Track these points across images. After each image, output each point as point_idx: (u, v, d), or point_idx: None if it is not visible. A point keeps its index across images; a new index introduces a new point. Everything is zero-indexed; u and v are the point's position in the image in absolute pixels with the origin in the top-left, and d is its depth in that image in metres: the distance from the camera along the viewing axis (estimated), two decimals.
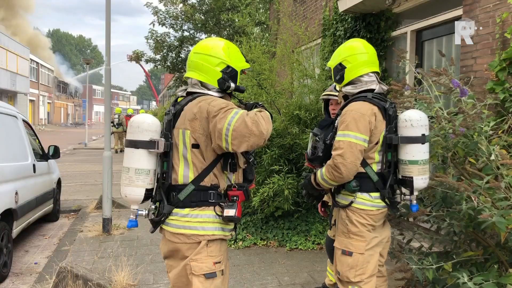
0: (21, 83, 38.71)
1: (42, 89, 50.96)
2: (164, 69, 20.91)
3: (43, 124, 49.27)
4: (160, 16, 17.98)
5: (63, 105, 64.66)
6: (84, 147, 23.88)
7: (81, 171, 13.99)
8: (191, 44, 18.59)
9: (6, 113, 6.02)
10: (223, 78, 2.46)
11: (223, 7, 15.98)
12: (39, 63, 49.61)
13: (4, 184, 5.16)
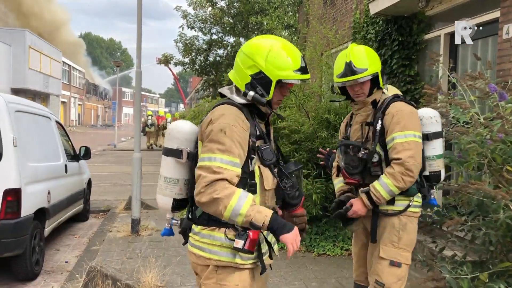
0: (53, 85, 39.74)
1: (73, 91, 52.20)
2: (192, 72, 21.11)
3: (74, 125, 50.41)
4: (189, 20, 18.16)
5: (93, 107, 66.02)
6: (113, 148, 24.29)
7: (110, 172, 14.23)
8: (219, 48, 18.72)
9: (40, 114, 6.18)
10: (251, 84, 2.13)
11: (251, 10, 16.02)
12: (71, 65, 50.85)
13: (37, 184, 5.27)
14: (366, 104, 2.96)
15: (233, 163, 2.01)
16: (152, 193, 9.80)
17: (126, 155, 20.67)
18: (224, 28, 17.72)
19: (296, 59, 2.14)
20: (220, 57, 18.75)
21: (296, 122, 6.20)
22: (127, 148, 24.07)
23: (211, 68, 18.95)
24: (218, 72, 18.73)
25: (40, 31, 46.51)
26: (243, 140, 2.06)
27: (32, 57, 34.11)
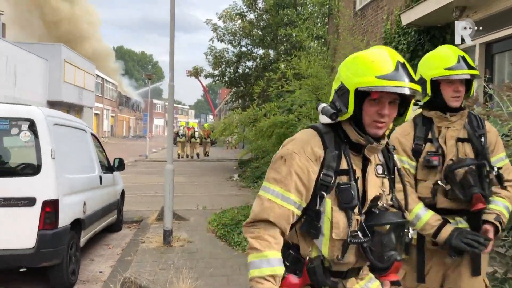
0: (87, 98, 40.84)
1: (106, 103, 53.48)
2: (222, 84, 21.34)
3: (107, 136, 51.54)
4: (219, 33, 18.39)
5: (125, 118, 67.41)
6: (145, 159, 24.68)
7: (142, 183, 14.45)
8: (248, 60, 18.86)
9: (76, 127, 6.36)
10: (333, 100, 1.81)
11: (280, 22, 16.11)
12: (104, 78, 52.19)
13: (74, 195, 5.41)
14: (463, 117, 2.60)
15: (284, 198, 1.72)
16: (183, 204, 9.93)
17: (157, 165, 20.97)
18: (253, 40, 17.86)
19: (384, 62, 1.71)
20: (249, 69, 18.89)
21: None
22: (158, 159, 24.41)
23: (240, 80, 19.10)
24: (247, 84, 18.86)
25: (69, 37, 48.21)
26: (303, 171, 1.74)
27: (67, 70, 35.19)
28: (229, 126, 8.55)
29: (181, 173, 15.33)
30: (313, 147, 1.77)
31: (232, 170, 18.30)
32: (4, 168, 5.09)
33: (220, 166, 21.36)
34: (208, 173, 18.04)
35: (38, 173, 4.87)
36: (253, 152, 8.98)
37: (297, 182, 1.74)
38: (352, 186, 1.74)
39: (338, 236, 1.73)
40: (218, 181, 15.13)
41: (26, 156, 5.07)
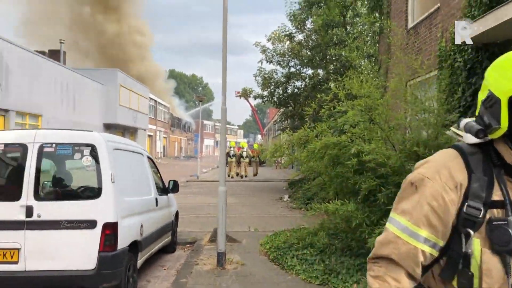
0: (141, 120, 42.30)
1: (159, 125, 55.10)
2: (271, 104, 21.47)
3: (159, 157, 52.92)
4: (267, 54, 18.59)
5: (177, 139, 69.07)
6: (196, 179, 25.09)
7: (194, 203, 14.66)
8: (297, 80, 18.91)
9: (134, 150, 6.57)
10: (479, 112, 1.47)
11: (330, 42, 16.07)
12: (157, 101, 53.92)
13: (131, 217, 5.56)
14: None
15: (412, 233, 1.42)
16: (234, 225, 9.97)
17: (208, 186, 21.26)
18: (302, 60, 17.90)
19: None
20: (298, 88, 18.91)
21: (382, 155, 6.04)
22: (209, 179, 24.78)
23: (289, 100, 19.15)
24: (296, 104, 18.88)
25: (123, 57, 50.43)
26: (438, 202, 1.41)
27: (123, 94, 36.68)
28: (280, 147, 8.55)
29: (232, 193, 15.43)
30: (452, 171, 1.42)
31: (282, 191, 18.23)
32: (67, 191, 5.32)
33: (270, 186, 21.35)
34: (258, 193, 18.06)
35: (98, 196, 5.05)
36: (305, 174, 8.91)
37: (429, 215, 1.41)
38: (509, 223, 1.37)
39: (490, 285, 1.38)
40: (268, 202, 15.11)
41: (88, 180, 5.28)
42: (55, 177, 5.38)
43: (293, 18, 17.85)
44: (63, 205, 5.05)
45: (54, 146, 5.13)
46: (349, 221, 6.26)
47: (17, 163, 5.20)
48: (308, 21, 17.96)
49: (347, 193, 6.92)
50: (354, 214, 6.10)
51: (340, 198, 6.70)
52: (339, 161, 6.87)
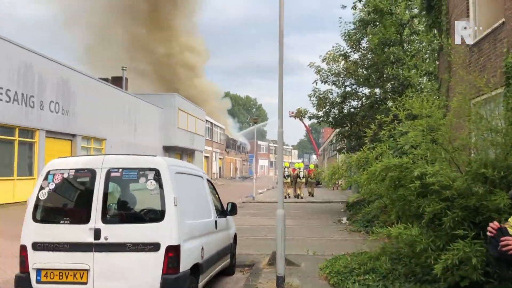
0: (198, 142, 43.32)
1: (215, 146, 56.17)
2: (327, 124, 21.32)
3: (215, 178, 53.76)
4: (322, 75, 18.56)
5: (232, 160, 69.96)
6: (252, 200, 25.18)
7: (251, 225, 14.68)
8: (353, 99, 18.71)
9: (195, 174, 6.73)
10: None
11: (386, 61, 15.82)
12: (212, 123, 55.11)
13: (193, 240, 5.66)
14: None
15: None
16: (292, 248, 9.86)
17: (264, 207, 21.27)
18: (358, 80, 17.72)
19: None
20: (355, 108, 18.69)
21: (446, 177, 5.81)
22: (264, 200, 24.81)
23: (345, 119, 18.94)
24: (353, 124, 18.63)
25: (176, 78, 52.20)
26: None
27: (180, 117, 37.80)
28: (339, 169, 8.43)
29: (289, 215, 15.27)
30: None
31: (340, 213, 17.90)
32: (132, 214, 5.51)
33: (327, 208, 21.03)
34: (315, 215, 17.83)
35: (162, 219, 5.19)
36: (365, 196, 8.71)
37: None
38: None
39: None
40: (326, 224, 14.87)
41: (151, 203, 5.43)
42: (121, 200, 5.60)
43: (348, 38, 17.78)
44: (128, 228, 5.23)
45: (120, 171, 5.35)
46: (413, 245, 6.03)
47: (86, 188, 5.46)
48: (363, 40, 17.82)
49: (410, 217, 6.68)
50: (418, 239, 5.87)
51: (402, 221, 6.48)
52: (401, 183, 6.66)
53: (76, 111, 23.65)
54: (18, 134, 19.34)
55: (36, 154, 20.52)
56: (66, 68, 23.18)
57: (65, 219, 5.32)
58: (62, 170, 5.46)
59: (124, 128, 29.87)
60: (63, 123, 22.58)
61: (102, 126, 26.69)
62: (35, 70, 20.22)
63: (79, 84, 24.10)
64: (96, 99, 26.02)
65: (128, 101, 30.89)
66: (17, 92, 18.90)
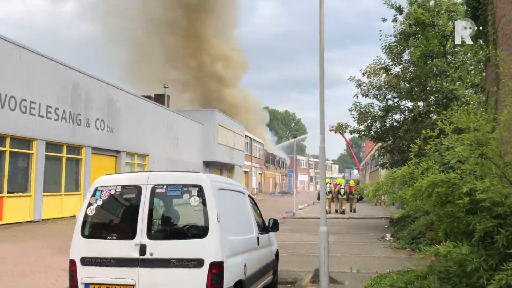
0: (237, 157, 43.62)
1: (254, 161, 56.33)
2: (368, 139, 20.97)
3: (255, 193, 53.81)
4: (363, 88, 18.34)
5: (272, 175, 69.88)
6: (292, 216, 25.00)
7: (292, 241, 14.56)
8: (395, 113, 18.35)
9: (236, 190, 6.75)
10: None
11: (429, 73, 15.47)
12: (252, 138, 55.40)
13: (236, 257, 5.65)
14: None
15: None
16: (335, 265, 9.68)
17: (305, 223, 21.08)
18: (400, 93, 17.39)
19: None
20: (397, 122, 18.32)
21: (498, 193, 5.56)
22: (305, 216, 24.59)
23: (388, 133, 18.58)
24: (395, 138, 18.25)
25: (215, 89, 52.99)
26: None
27: (220, 133, 38.26)
28: (383, 185, 8.23)
29: (330, 231, 14.96)
30: None
31: (383, 229, 17.48)
32: (176, 230, 5.57)
33: (369, 224, 20.59)
34: (358, 231, 17.49)
35: (205, 235, 5.22)
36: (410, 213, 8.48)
37: None
38: None
39: None
40: (369, 241, 14.54)
41: (195, 220, 5.48)
42: (166, 217, 5.68)
43: (388, 51, 17.54)
44: (173, 243, 5.28)
45: (165, 187, 5.44)
46: (464, 265, 5.79)
47: (132, 204, 5.57)
48: (405, 53, 17.53)
49: (459, 234, 6.43)
50: (469, 258, 5.63)
51: (451, 239, 6.24)
52: (448, 199, 6.44)
53: (120, 128, 24.37)
54: (65, 151, 20.11)
55: (82, 170, 21.24)
56: (111, 86, 24.01)
57: (112, 234, 5.44)
58: (109, 186, 5.61)
59: (166, 144, 30.49)
60: (108, 140, 23.30)
61: (145, 142, 27.36)
62: (82, 89, 21.05)
63: (123, 101, 24.88)
64: (139, 116, 26.76)
65: (170, 117, 31.57)
66: (65, 110, 19.70)
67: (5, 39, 16.43)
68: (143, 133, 27.18)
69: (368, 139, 21.71)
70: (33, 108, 17.72)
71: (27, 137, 17.50)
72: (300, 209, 30.38)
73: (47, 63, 18.76)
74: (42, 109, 18.22)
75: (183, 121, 33.49)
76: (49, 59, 18.91)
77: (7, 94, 16.35)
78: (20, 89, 17.06)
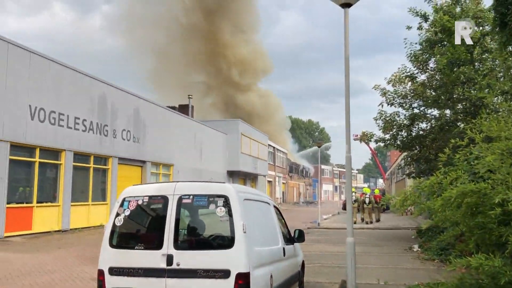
0: (261, 166, 43.59)
1: (277, 171, 56.19)
2: (394, 148, 20.69)
3: (279, 203, 53.61)
4: (388, 97, 18.14)
5: (295, 184, 69.55)
6: (317, 226, 24.77)
7: (318, 252, 14.41)
8: (422, 121, 18.07)
9: (262, 200, 6.73)
10: None
11: (456, 81, 15.19)
12: (275, 147, 55.34)
13: (262, 268, 5.61)
14: None
15: None
16: (362, 277, 9.53)
17: (330, 233, 20.87)
18: (427, 101, 17.13)
19: None
20: (424, 130, 18.03)
21: None
22: (330, 227, 24.35)
23: (414, 142, 18.29)
24: (422, 147, 17.95)
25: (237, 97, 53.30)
26: None
27: (244, 142, 38.37)
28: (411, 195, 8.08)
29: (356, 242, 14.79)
30: None
31: (410, 240, 17.15)
32: (202, 241, 5.58)
33: (395, 234, 20.24)
34: (384, 242, 17.19)
35: (231, 246, 5.21)
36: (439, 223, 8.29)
37: None
38: None
39: None
40: (396, 252, 14.27)
41: (221, 230, 5.48)
42: (192, 227, 5.70)
43: (414, 59, 17.33)
44: (199, 254, 5.29)
45: (191, 198, 5.47)
46: (496, 278, 5.63)
47: (159, 214, 5.61)
48: (430, 60, 17.29)
49: (491, 246, 6.27)
50: (502, 270, 5.47)
51: (482, 251, 6.08)
52: (479, 210, 6.29)
53: (146, 138, 24.70)
54: (93, 161, 20.47)
55: (109, 180, 21.57)
56: (137, 97, 24.40)
57: (139, 244, 5.48)
58: (136, 197, 5.67)
59: (191, 154, 30.73)
60: (134, 150, 23.63)
61: (170, 152, 27.65)
62: (109, 101, 21.46)
63: (149, 112, 25.24)
64: (164, 126, 27.09)
65: (194, 127, 31.85)
66: (92, 121, 20.10)
67: (34, 53, 16.91)
68: (168, 143, 27.48)
69: (394, 148, 21.43)
70: (62, 120, 18.13)
71: (56, 148, 17.90)
72: (325, 219, 30.10)
73: (75, 75, 19.22)
74: (70, 121, 18.63)
75: (207, 131, 33.74)
76: (77, 71, 19.37)
77: (37, 106, 16.79)
78: (49, 101, 17.50)
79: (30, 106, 16.47)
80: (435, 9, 16.00)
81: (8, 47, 15.54)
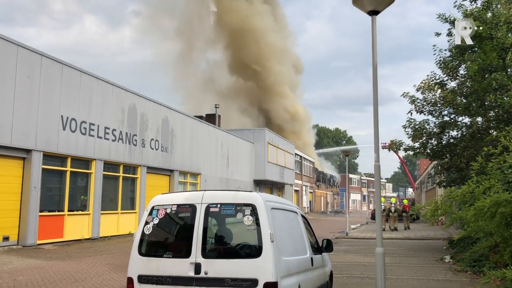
0: (287, 175, 43.43)
1: (304, 180, 55.85)
2: (423, 156, 20.30)
3: (306, 212, 53.22)
4: (417, 104, 17.85)
5: (323, 194, 68.95)
6: (345, 236, 24.46)
7: (346, 262, 14.21)
8: (452, 129, 17.68)
9: (289, 209, 6.69)
10: None
11: (488, 88, 14.83)
12: (302, 156, 55.08)
13: (290, 278, 5.56)
14: None
15: None
16: None
17: (358, 243, 20.57)
18: (457, 109, 16.76)
19: None
20: (454, 139, 17.63)
21: None
22: (358, 236, 24.01)
23: (444, 151, 17.90)
24: (453, 155, 17.53)
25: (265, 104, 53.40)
26: None
27: (270, 151, 38.34)
28: (442, 205, 7.92)
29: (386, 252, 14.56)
30: None
31: (441, 250, 16.72)
32: (230, 250, 5.56)
33: (426, 245, 19.79)
34: (414, 253, 16.83)
35: (259, 255, 5.18)
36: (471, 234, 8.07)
37: None
38: None
39: None
40: (427, 263, 13.94)
41: (248, 239, 5.46)
42: (220, 236, 5.69)
43: (443, 66, 17.02)
44: (227, 263, 5.28)
45: (219, 206, 5.48)
46: None
47: (187, 222, 5.64)
48: (461, 67, 16.95)
49: None
50: None
51: None
52: None
53: (174, 148, 24.99)
54: (122, 170, 20.80)
55: (138, 189, 21.87)
56: (165, 107, 24.73)
57: (167, 253, 5.52)
58: (165, 205, 5.72)
59: (218, 163, 30.90)
60: (163, 160, 23.91)
61: (198, 161, 27.87)
62: (138, 111, 21.82)
63: (177, 122, 25.55)
64: (192, 135, 27.35)
65: (221, 137, 32.03)
66: (122, 131, 20.47)
67: (66, 65, 17.38)
68: (196, 152, 27.72)
69: (424, 157, 21.02)
70: (92, 130, 18.53)
71: (87, 157, 18.28)
72: (353, 229, 29.70)
73: (105, 86, 19.64)
74: (100, 131, 19.02)
75: (234, 140, 33.88)
76: (107, 82, 19.80)
77: (68, 116, 17.21)
78: (80, 112, 17.93)
79: (62, 116, 16.90)
80: (464, 14, 15.70)
81: (41, 60, 16.03)
